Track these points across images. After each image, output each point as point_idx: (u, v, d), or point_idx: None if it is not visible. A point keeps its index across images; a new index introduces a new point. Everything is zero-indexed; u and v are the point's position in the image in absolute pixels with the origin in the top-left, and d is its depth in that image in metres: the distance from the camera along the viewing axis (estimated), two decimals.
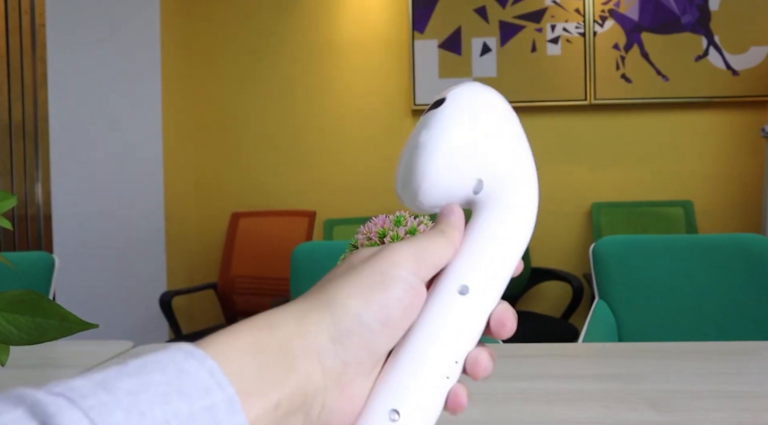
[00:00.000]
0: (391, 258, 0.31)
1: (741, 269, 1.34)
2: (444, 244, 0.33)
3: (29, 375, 0.91)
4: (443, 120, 0.36)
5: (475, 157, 0.35)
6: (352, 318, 0.29)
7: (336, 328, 0.28)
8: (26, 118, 2.97)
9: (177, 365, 0.24)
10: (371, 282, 0.30)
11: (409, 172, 0.36)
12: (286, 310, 0.29)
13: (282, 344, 0.27)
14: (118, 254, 2.66)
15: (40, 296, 0.51)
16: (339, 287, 0.30)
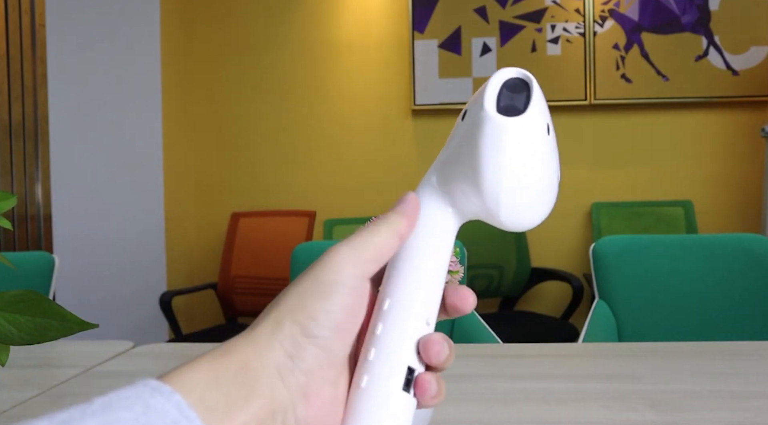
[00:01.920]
0: (329, 265, 0.31)
1: (741, 269, 1.34)
2: (387, 235, 0.33)
3: (29, 375, 0.91)
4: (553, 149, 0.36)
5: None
6: (301, 331, 0.29)
7: (289, 343, 0.29)
8: (26, 118, 2.97)
9: (144, 401, 0.24)
10: (312, 291, 0.30)
11: (540, 202, 0.35)
12: (241, 335, 0.29)
13: (240, 368, 0.27)
14: (118, 254, 2.66)
15: (40, 296, 0.51)
16: (285, 301, 0.30)
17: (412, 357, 0.32)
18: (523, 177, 0.33)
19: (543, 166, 0.34)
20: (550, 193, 0.35)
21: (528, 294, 2.82)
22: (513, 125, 0.33)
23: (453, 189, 0.35)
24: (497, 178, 0.33)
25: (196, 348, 1.16)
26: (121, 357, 1.00)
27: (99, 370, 0.93)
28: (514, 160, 0.33)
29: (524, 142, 0.33)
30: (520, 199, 0.34)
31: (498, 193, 0.34)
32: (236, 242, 2.82)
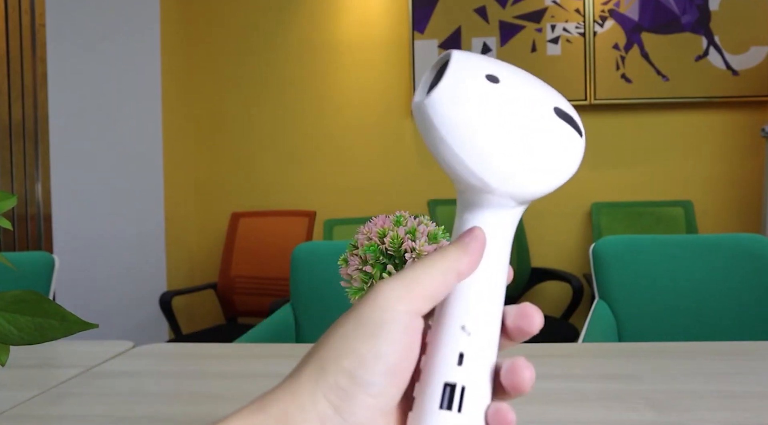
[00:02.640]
0: (376, 302, 0.28)
1: (741, 269, 1.34)
2: (443, 271, 0.29)
3: (29, 375, 0.91)
4: (581, 155, 0.34)
5: None
6: (348, 379, 0.26)
7: (335, 395, 0.26)
8: (26, 118, 2.97)
9: None
10: (359, 333, 0.27)
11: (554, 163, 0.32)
12: (279, 387, 0.27)
13: (278, 420, 0.26)
14: (118, 254, 2.66)
15: (40, 296, 0.51)
16: (328, 348, 0.27)
17: (448, 371, 0.29)
18: (487, 141, 0.30)
19: (503, 118, 0.31)
20: (542, 136, 0.31)
21: (528, 294, 2.82)
22: (431, 100, 0.30)
23: (464, 192, 0.33)
24: (466, 160, 0.31)
25: (196, 348, 1.16)
26: (121, 357, 1.00)
27: (99, 370, 0.93)
28: (459, 132, 0.30)
29: (458, 108, 0.30)
30: (509, 161, 0.31)
31: (484, 171, 0.31)
32: (236, 242, 2.82)
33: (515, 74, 0.32)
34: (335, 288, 0.51)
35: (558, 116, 0.32)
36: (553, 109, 0.32)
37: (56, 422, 0.72)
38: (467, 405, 0.29)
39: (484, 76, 0.31)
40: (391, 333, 0.27)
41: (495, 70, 0.32)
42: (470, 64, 0.32)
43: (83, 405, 0.77)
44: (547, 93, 0.33)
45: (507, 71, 0.32)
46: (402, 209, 0.62)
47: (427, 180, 2.87)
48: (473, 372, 0.29)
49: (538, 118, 0.31)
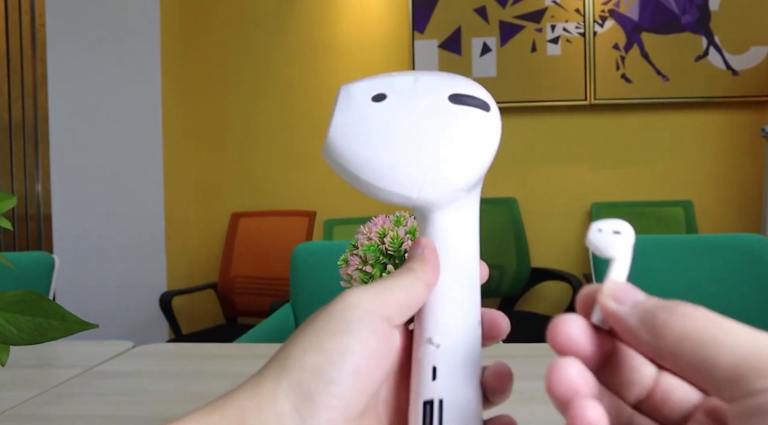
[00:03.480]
0: (346, 302, 0.27)
1: (741, 269, 1.34)
2: (411, 280, 0.29)
3: (29, 375, 0.91)
4: (494, 130, 0.32)
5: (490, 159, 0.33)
6: (311, 376, 0.25)
7: (296, 392, 0.25)
8: (26, 118, 2.97)
9: None
10: (328, 330, 0.26)
11: (462, 152, 0.31)
12: (240, 387, 0.26)
13: (234, 421, 0.24)
14: (118, 254, 2.65)
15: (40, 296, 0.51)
16: (293, 345, 0.26)
17: (425, 389, 0.28)
18: (388, 160, 0.31)
19: (394, 133, 0.31)
20: (440, 131, 0.31)
21: (528, 294, 2.82)
22: (326, 147, 0.32)
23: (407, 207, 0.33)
24: (378, 185, 0.31)
25: (196, 348, 1.16)
26: (121, 357, 1.00)
27: (99, 370, 0.93)
28: (361, 163, 0.31)
29: (351, 142, 0.31)
30: (416, 169, 0.30)
31: (398, 188, 0.31)
32: (236, 242, 2.82)
33: (407, 82, 0.33)
34: (335, 288, 0.51)
35: (455, 103, 0.32)
36: (448, 98, 0.32)
37: (56, 422, 0.72)
38: (448, 419, 0.28)
39: (370, 99, 0.32)
40: (360, 332, 0.26)
41: (383, 87, 0.33)
42: (355, 93, 0.33)
43: (83, 405, 0.77)
44: (443, 84, 0.33)
45: (400, 82, 0.33)
46: (402, 209, 0.62)
47: None
48: (448, 385, 0.28)
49: (432, 114, 0.31)
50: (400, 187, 0.30)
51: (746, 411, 0.19)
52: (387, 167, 0.31)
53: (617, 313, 0.24)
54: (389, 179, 0.31)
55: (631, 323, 0.24)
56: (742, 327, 0.21)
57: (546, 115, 2.84)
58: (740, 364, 0.20)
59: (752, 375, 0.19)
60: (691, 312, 0.22)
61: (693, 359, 0.21)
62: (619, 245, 0.27)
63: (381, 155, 0.31)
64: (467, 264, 0.32)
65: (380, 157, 0.31)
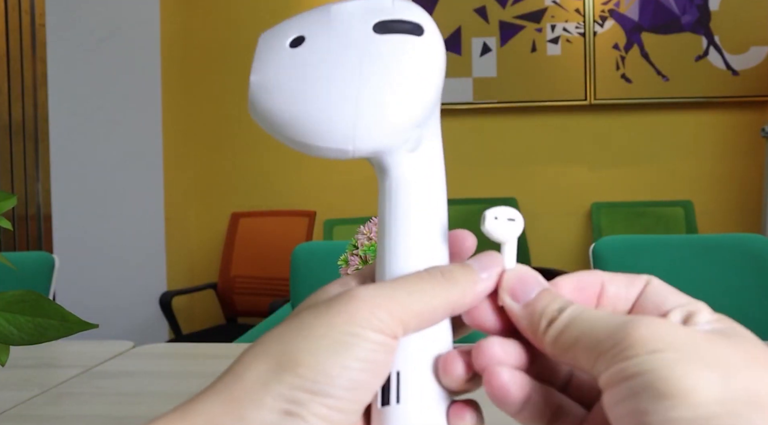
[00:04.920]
0: (353, 317, 0.24)
1: (741, 269, 1.34)
2: (441, 304, 0.25)
3: (29, 375, 0.91)
4: (432, 55, 0.28)
5: (435, 106, 0.29)
6: (305, 386, 0.23)
7: (285, 401, 0.23)
8: (26, 118, 2.97)
9: None
10: (325, 344, 0.23)
11: (393, 90, 0.27)
12: (213, 388, 0.24)
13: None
14: (118, 254, 2.65)
15: (40, 296, 0.51)
16: (285, 348, 0.24)
17: None
18: (314, 111, 0.27)
19: (315, 79, 0.28)
20: (364, 68, 0.27)
21: None
22: (249, 104, 0.29)
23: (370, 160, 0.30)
24: (308, 141, 0.28)
25: (196, 348, 1.16)
26: (121, 357, 1.00)
27: (99, 370, 0.93)
28: (285, 116, 0.28)
29: (271, 97, 0.28)
30: (346, 117, 0.27)
31: (331, 142, 0.28)
32: (236, 242, 2.82)
33: (326, 17, 0.29)
34: None
35: (380, 32, 0.28)
36: (372, 28, 0.28)
37: (56, 422, 0.72)
38: (405, 394, 0.25)
39: (288, 45, 0.29)
40: (362, 352, 0.24)
41: (301, 28, 0.29)
42: (272, 41, 0.30)
43: (83, 405, 0.77)
44: (365, 13, 0.29)
45: (318, 19, 0.29)
46: None
47: None
48: (408, 358, 0.26)
49: (355, 51, 0.28)
50: (332, 141, 0.27)
51: (611, 379, 0.22)
52: (314, 121, 0.27)
53: (511, 311, 0.26)
54: (318, 134, 0.27)
55: (522, 325, 0.26)
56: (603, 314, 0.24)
57: (546, 115, 2.84)
58: (602, 342, 0.23)
59: (615, 350, 0.22)
60: (570, 322, 0.24)
61: (572, 362, 0.24)
62: (512, 231, 0.28)
63: (305, 108, 0.27)
64: (433, 209, 0.29)
65: (305, 111, 0.27)
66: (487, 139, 2.88)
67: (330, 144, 0.28)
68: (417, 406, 0.25)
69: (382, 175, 0.29)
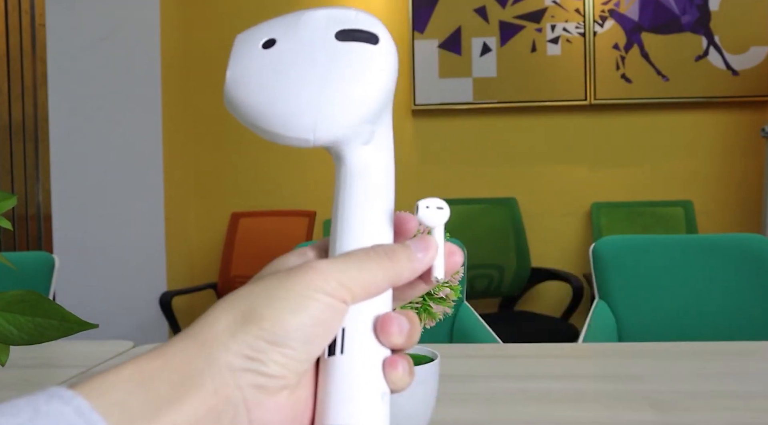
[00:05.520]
0: (309, 283, 0.28)
1: (741, 269, 1.34)
2: (385, 277, 0.30)
3: (29, 375, 0.91)
4: (384, 62, 0.32)
5: (386, 106, 0.33)
6: (266, 340, 0.27)
7: (248, 347, 0.26)
8: (26, 118, 2.97)
9: (34, 407, 0.22)
10: (286, 305, 0.28)
11: (349, 89, 0.31)
12: (183, 334, 0.27)
13: (179, 367, 0.25)
14: (118, 254, 2.65)
15: (40, 296, 0.51)
16: (251, 305, 0.28)
17: None
18: (280, 105, 0.32)
19: (281, 77, 0.32)
20: (325, 71, 0.32)
21: (528, 294, 2.82)
22: (225, 97, 0.34)
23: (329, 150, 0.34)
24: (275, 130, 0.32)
25: None
26: (121, 357, 1.00)
27: (99, 370, 0.92)
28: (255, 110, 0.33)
29: (243, 91, 0.33)
30: (307, 111, 0.31)
31: (292, 132, 0.32)
32: (236, 242, 2.82)
33: (294, 24, 0.34)
34: None
35: (342, 40, 0.32)
36: (335, 36, 0.33)
37: None
38: (349, 345, 0.30)
39: (261, 46, 0.33)
40: (316, 311, 0.28)
41: (273, 32, 0.34)
42: (247, 42, 0.34)
43: None
44: (329, 22, 0.33)
45: (287, 25, 0.34)
46: (402, 209, 0.62)
47: (427, 179, 2.87)
48: (353, 318, 0.30)
49: (318, 55, 0.32)
50: (295, 131, 0.31)
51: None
52: (280, 113, 0.32)
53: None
54: (284, 124, 0.32)
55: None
56: None
57: (546, 115, 2.84)
58: None
59: None
60: None
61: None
62: (441, 218, 0.32)
63: (273, 102, 0.32)
64: (381, 194, 0.33)
65: (273, 104, 0.32)
66: (487, 139, 2.88)
67: (294, 133, 0.32)
68: (357, 356, 0.30)
69: (338, 163, 0.34)
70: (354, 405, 0.29)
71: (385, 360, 0.30)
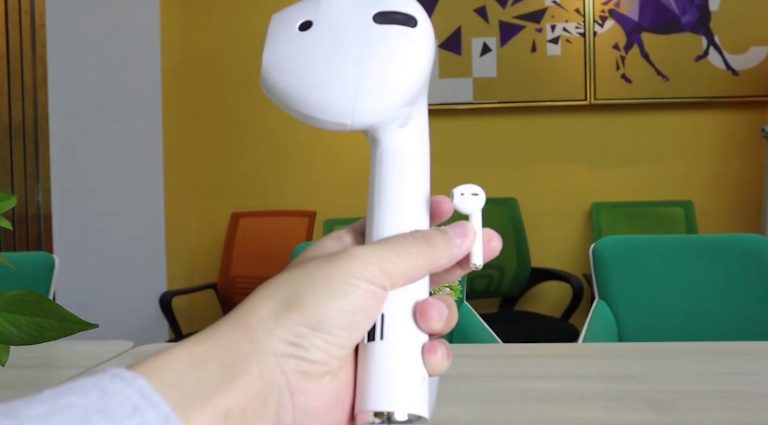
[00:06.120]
0: (350, 269, 0.29)
1: (741, 269, 1.34)
2: (424, 264, 0.31)
3: (29, 375, 0.91)
4: (422, 45, 0.32)
5: (423, 88, 0.33)
6: (308, 326, 0.27)
7: (292, 333, 0.27)
8: (26, 118, 2.97)
9: (100, 387, 0.23)
10: (327, 290, 0.28)
11: (387, 74, 0.31)
12: (228, 319, 0.28)
13: (226, 353, 0.26)
14: (118, 254, 2.65)
15: (40, 296, 0.51)
16: (294, 291, 0.28)
17: None
18: (317, 89, 0.31)
19: (320, 60, 0.32)
20: (363, 53, 0.31)
21: (528, 294, 2.82)
22: (262, 80, 0.33)
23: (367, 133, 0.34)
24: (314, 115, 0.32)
25: None
26: (121, 357, 1.00)
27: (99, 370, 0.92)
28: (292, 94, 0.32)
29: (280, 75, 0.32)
30: (345, 95, 0.31)
31: (330, 116, 0.31)
32: (236, 242, 2.82)
33: (332, 5, 0.33)
34: None
35: (380, 22, 0.32)
36: (373, 18, 0.32)
37: None
38: (389, 331, 0.30)
39: (297, 28, 0.33)
40: (356, 298, 0.28)
41: (310, 14, 0.33)
42: (283, 24, 0.33)
43: None
44: (367, 3, 0.33)
45: (325, 6, 0.33)
46: None
47: None
48: (393, 304, 0.30)
49: (356, 38, 0.32)
50: (333, 115, 0.31)
51: None
52: (318, 97, 0.31)
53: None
54: (321, 108, 0.31)
55: None
56: None
57: (546, 115, 2.84)
58: None
59: None
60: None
61: None
62: (477, 204, 0.33)
63: (311, 85, 0.31)
64: (417, 177, 0.33)
65: (310, 88, 0.31)
66: (487, 139, 2.88)
67: (331, 117, 0.31)
68: (397, 342, 0.30)
69: (374, 146, 0.33)
70: (395, 390, 0.29)
71: (424, 346, 0.30)
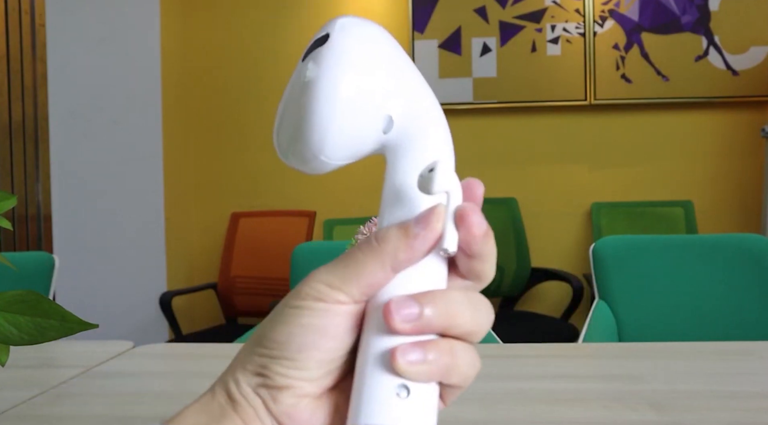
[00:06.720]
0: (296, 290, 0.29)
1: (741, 269, 1.34)
2: (379, 266, 0.28)
3: (29, 375, 0.91)
4: (337, 53, 0.28)
5: (379, 92, 0.29)
6: (269, 352, 0.29)
7: (258, 364, 0.29)
8: (26, 118, 2.97)
9: None
10: (281, 316, 0.29)
11: (305, 123, 0.29)
12: (228, 370, 0.31)
13: (217, 396, 0.30)
14: (118, 254, 2.65)
15: (40, 296, 0.51)
16: (262, 327, 0.30)
17: None
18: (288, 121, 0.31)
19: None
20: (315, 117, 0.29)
21: (528, 294, 2.82)
22: None
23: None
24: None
25: (196, 348, 1.16)
26: (121, 357, 1.00)
27: (99, 370, 0.93)
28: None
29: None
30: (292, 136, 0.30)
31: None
32: (236, 242, 2.82)
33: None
34: None
35: (303, 59, 0.30)
36: (302, 58, 0.30)
37: (56, 422, 0.72)
38: (363, 339, 0.29)
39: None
40: (305, 319, 0.28)
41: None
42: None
43: (83, 405, 0.77)
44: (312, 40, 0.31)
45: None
46: None
47: None
48: (374, 307, 0.29)
49: (289, 90, 0.31)
50: (300, 166, 0.32)
51: None
52: (279, 137, 0.32)
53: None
54: (279, 149, 0.33)
55: None
56: None
57: (546, 115, 2.84)
58: None
59: None
60: None
61: None
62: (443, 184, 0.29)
63: (279, 124, 0.33)
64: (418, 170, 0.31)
65: (278, 127, 0.33)
66: (487, 139, 2.88)
67: (301, 168, 0.32)
68: (363, 349, 0.29)
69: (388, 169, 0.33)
70: (367, 401, 0.28)
71: (395, 350, 0.27)
